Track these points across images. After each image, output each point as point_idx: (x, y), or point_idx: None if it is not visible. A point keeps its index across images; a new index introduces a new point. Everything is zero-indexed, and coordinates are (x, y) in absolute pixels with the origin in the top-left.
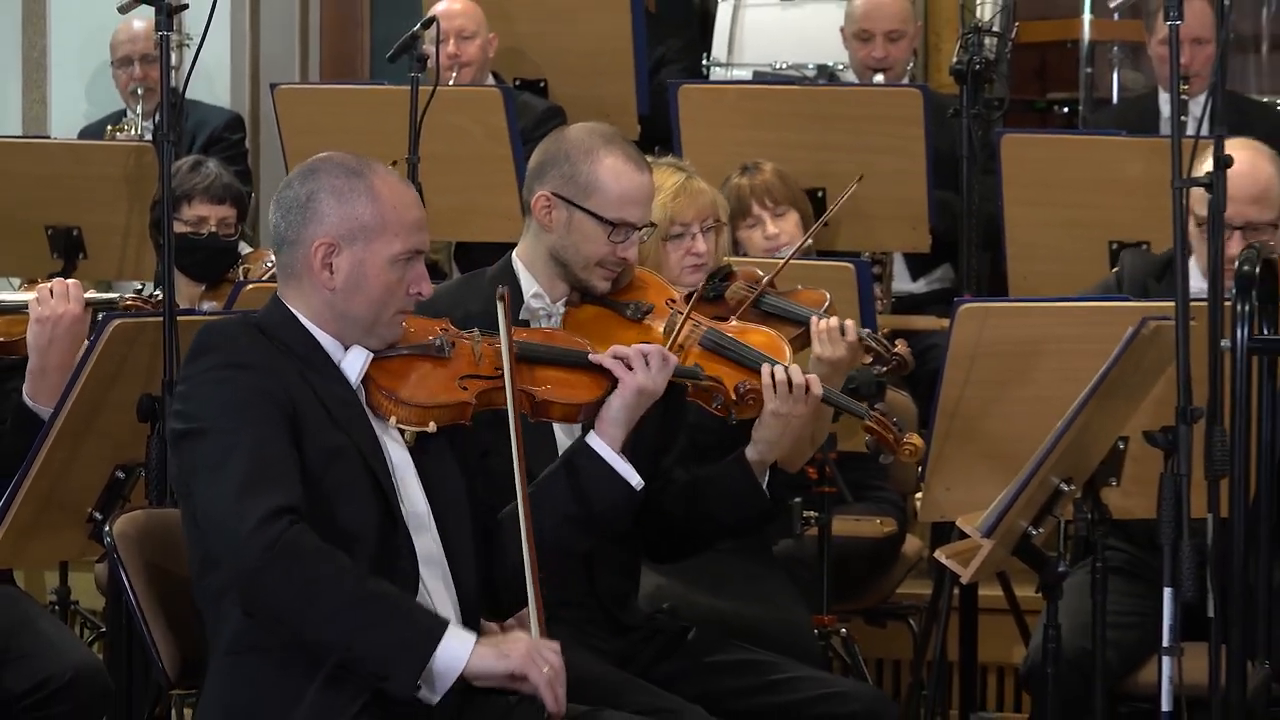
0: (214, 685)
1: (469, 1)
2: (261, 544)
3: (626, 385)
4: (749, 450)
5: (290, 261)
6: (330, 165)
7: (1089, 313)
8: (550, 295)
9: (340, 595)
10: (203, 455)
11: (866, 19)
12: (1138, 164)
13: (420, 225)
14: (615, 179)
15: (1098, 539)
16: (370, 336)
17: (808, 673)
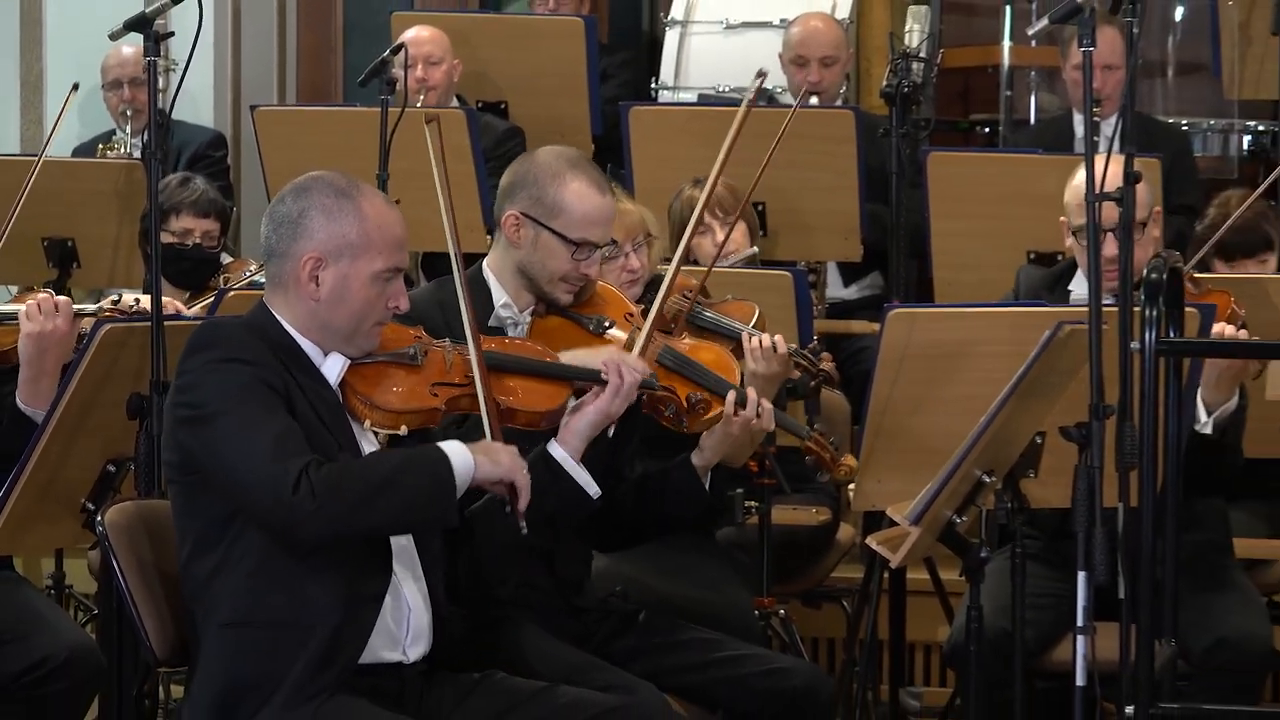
0: (209, 656)
1: (435, 30)
2: (306, 496)
3: (600, 407)
4: (695, 456)
5: (279, 272)
6: (321, 184)
7: (1009, 318)
8: (517, 305)
9: (376, 493)
10: (223, 434)
11: (803, 46)
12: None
13: (402, 245)
14: (579, 201)
15: (1017, 527)
16: (349, 345)
17: (749, 650)
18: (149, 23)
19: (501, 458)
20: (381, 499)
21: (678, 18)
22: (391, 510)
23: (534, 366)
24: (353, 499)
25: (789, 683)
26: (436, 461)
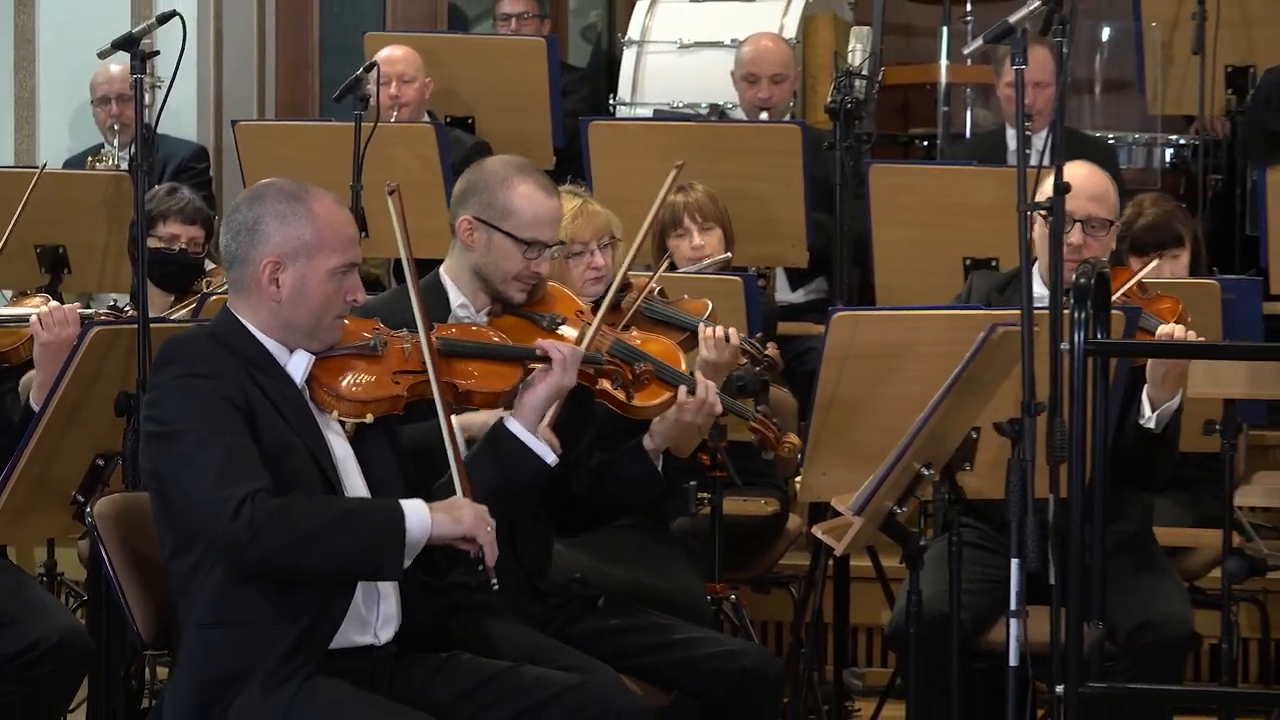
0: (188, 655)
1: (409, 50)
2: (244, 526)
3: (550, 382)
4: (646, 440)
5: (241, 278)
6: (273, 191)
7: (946, 320)
8: (474, 306)
9: (316, 536)
10: (178, 454)
11: (753, 64)
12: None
13: (353, 241)
14: (528, 204)
15: (954, 516)
16: (313, 340)
17: (702, 633)
18: (135, 42)
19: (464, 515)
20: (320, 544)
21: (634, 38)
22: (329, 557)
23: (487, 350)
24: (290, 538)
25: (739, 664)
26: (391, 515)
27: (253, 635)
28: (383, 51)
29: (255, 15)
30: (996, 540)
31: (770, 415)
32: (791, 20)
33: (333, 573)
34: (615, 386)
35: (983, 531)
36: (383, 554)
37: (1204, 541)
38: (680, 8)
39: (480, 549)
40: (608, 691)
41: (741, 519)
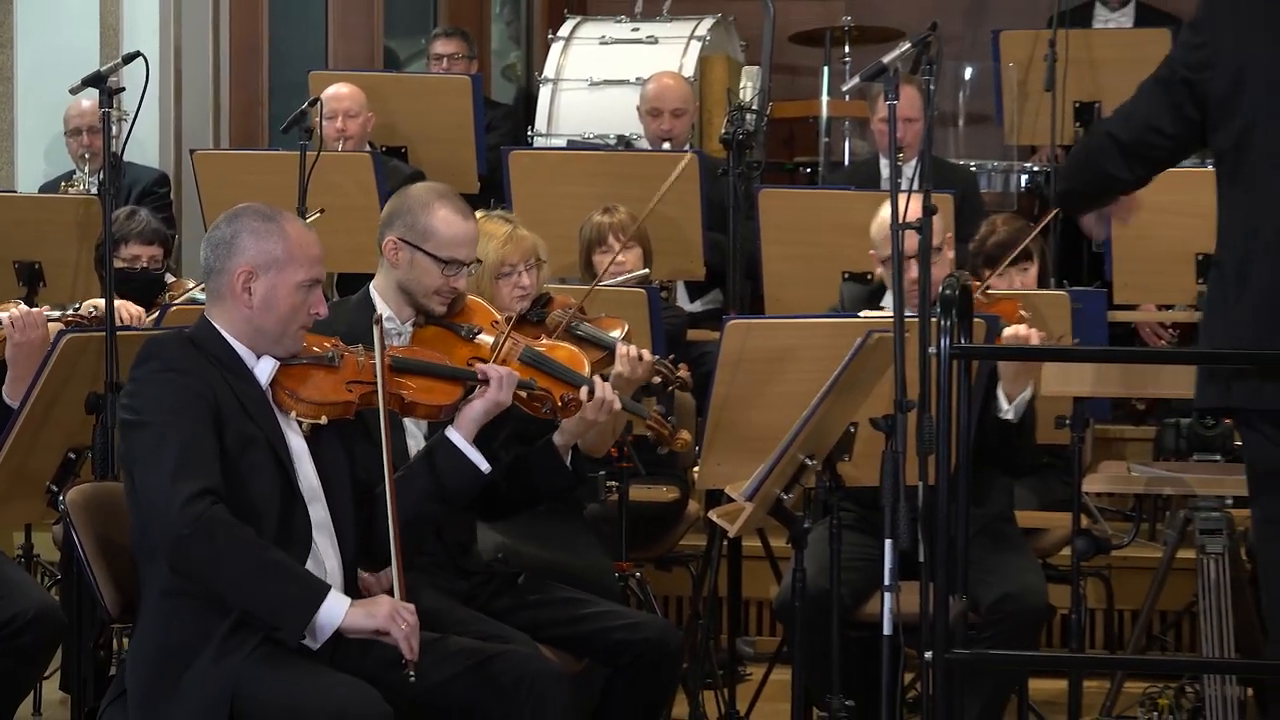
0: (147, 623)
1: (354, 87)
2: (188, 519)
3: (488, 398)
4: (556, 437)
5: (217, 286)
6: (250, 211)
7: (827, 327)
8: (399, 317)
9: (246, 564)
10: (143, 444)
11: (656, 99)
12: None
13: (319, 260)
14: (446, 227)
15: (834, 502)
16: (278, 346)
17: (610, 607)
18: (104, 79)
19: (379, 611)
20: (242, 574)
21: (550, 76)
22: (242, 590)
23: (433, 369)
24: (222, 554)
25: (644, 634)
26: (313, 591)
27: (208, 605)
28: (330, 89)
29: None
30: (872, 523)
31: (665, 415)
32: (690, 60)
33: (236, 603)
34: (544, 410)
35: (860, 515)
36: (287, 617)
37: (1056, 523)
38: (591, 49)
39: (403, 645)
40: (526, 659)
41: (646, 505)
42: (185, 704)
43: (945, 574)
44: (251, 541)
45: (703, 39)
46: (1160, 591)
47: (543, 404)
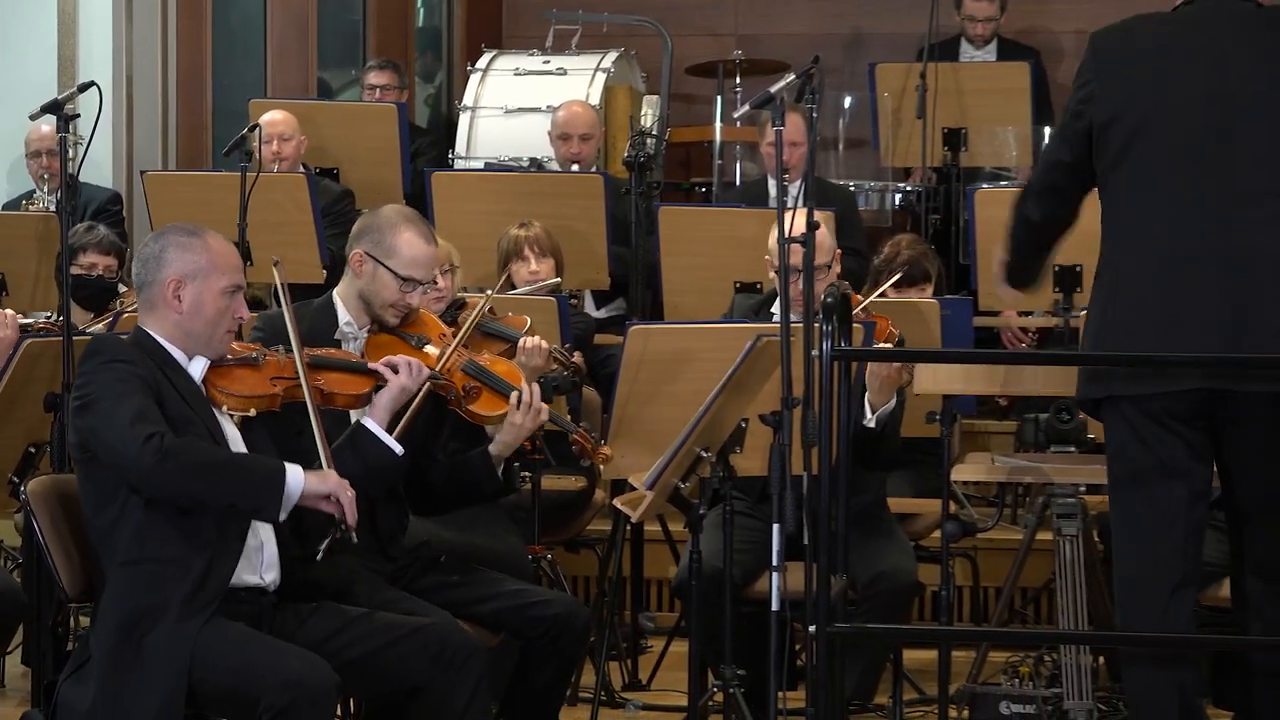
0: (109, 594)
1: (288, 114)
2: (151, 452)
3: (393, 384)
4: (491, 447)
5: (150, 297)
6: (174, 229)
7: (720, 332)
8: (357, 323)
9: (212, 471)
10: (99, 412)
11: (566, 125)
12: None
13: (238, 268)
14: (409, 248)
15: (726, 490)
16: (208, 348)
17: (524, 586)
18: (61, 106)
19: (329, 478)
20: (213, 477)
21: (469, 104)
22: (219, 490)
23: (344, 364)
24: (190, 467)
25: (554, 610)
26: (274, 468)
27: (166, 570)
28: (267, 115)
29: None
30: (761, 509)
31: (590, 430)
32: (596, 90)
33: (221, 503)
34: (451, 398)
35: (750, 502)
36: (263, 497)
37: (927, 509)
38: (506, 80)
39: (341, 508)
40: (447, 633)
41: (556, 493)
42: (146, 669)
43: (827, 555)
44: (208, 450)
45: (608, 71)
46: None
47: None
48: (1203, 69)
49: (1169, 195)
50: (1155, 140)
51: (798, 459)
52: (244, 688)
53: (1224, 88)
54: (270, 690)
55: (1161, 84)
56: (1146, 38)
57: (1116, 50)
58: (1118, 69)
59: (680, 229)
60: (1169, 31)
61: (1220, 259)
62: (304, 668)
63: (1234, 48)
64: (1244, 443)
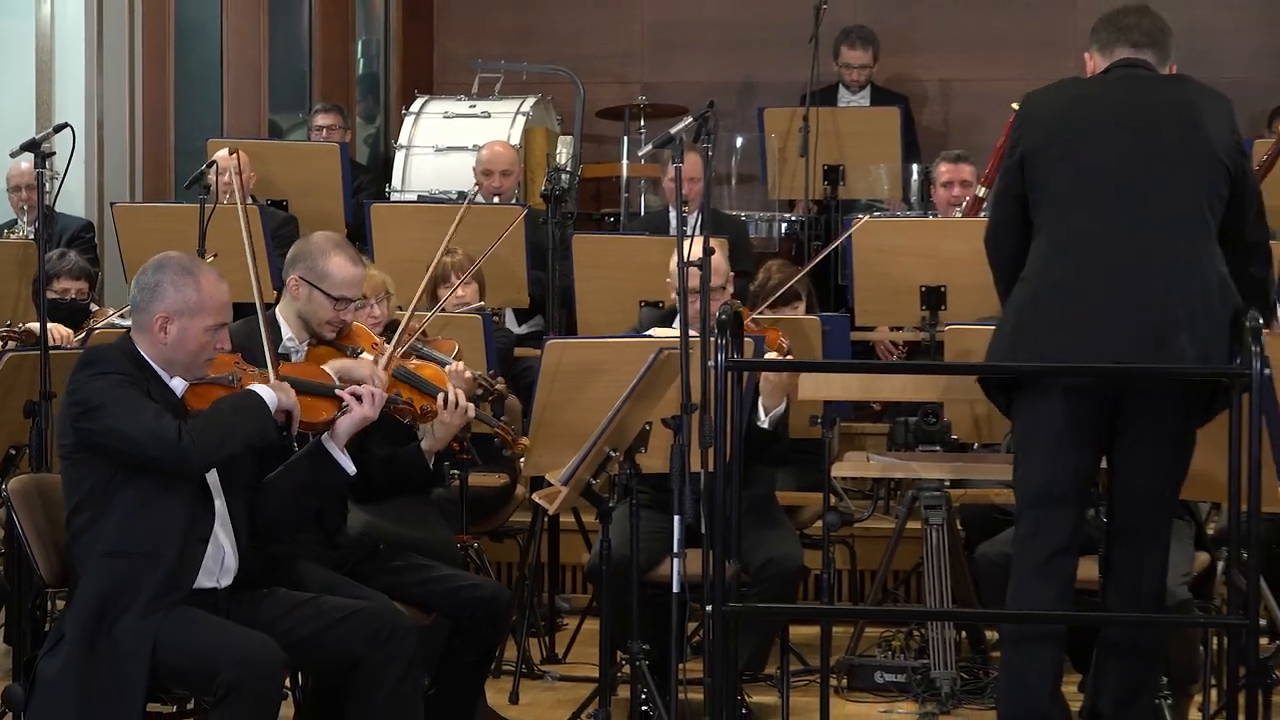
0: (89, 577)
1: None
2: (188, 443)
3: (356, 413)
4: (423, 443)
5: (140, 320)
6: (173, 263)
7: (627, 346)
8: (298, 339)
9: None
10: (110, 415)
11: (490, 162)
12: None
13: (226, 307)
14: (339, 271)
15: (633, 485)
16: (187, 373)
17: (453, 571)
18: (38, 145)
19: (285, 392)
20: (231, 431)
21: (404, 144)
22: (239, 436)
23: (316, 388)
24: (216, 437)
25: (481, 593)
26: (254, 401)
27: (140, 562)
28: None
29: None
30: (663, 502)
31: (510, 424)
32: (516, 131)
33: (247, 445)
34: (407, 420)
35: (654, 496)
36: (260, 431)
37: (811, 501)
38: (436, 122)
39: (289, 418)
40: (385, 612)
41: (482, 489)
42: (115, 647)
43: (721, 543)
44: (208, 422)
45: (526, 114)
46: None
47: (405, 415)
48: (1117, 122)
49: (1090, 227)
50: (1077, 181)
51: (696, 457)
52: (202, 666)
53: (1135, 138)
54: (225, 667)
55: (1083, 134)
56: (1074, 94)
57: (1045, 106)
58: (1045, 121)
59: (591, 254)
60: (1088, 93)
61: (1133, 284)
62: (255, 647)
63: (1143, 105)
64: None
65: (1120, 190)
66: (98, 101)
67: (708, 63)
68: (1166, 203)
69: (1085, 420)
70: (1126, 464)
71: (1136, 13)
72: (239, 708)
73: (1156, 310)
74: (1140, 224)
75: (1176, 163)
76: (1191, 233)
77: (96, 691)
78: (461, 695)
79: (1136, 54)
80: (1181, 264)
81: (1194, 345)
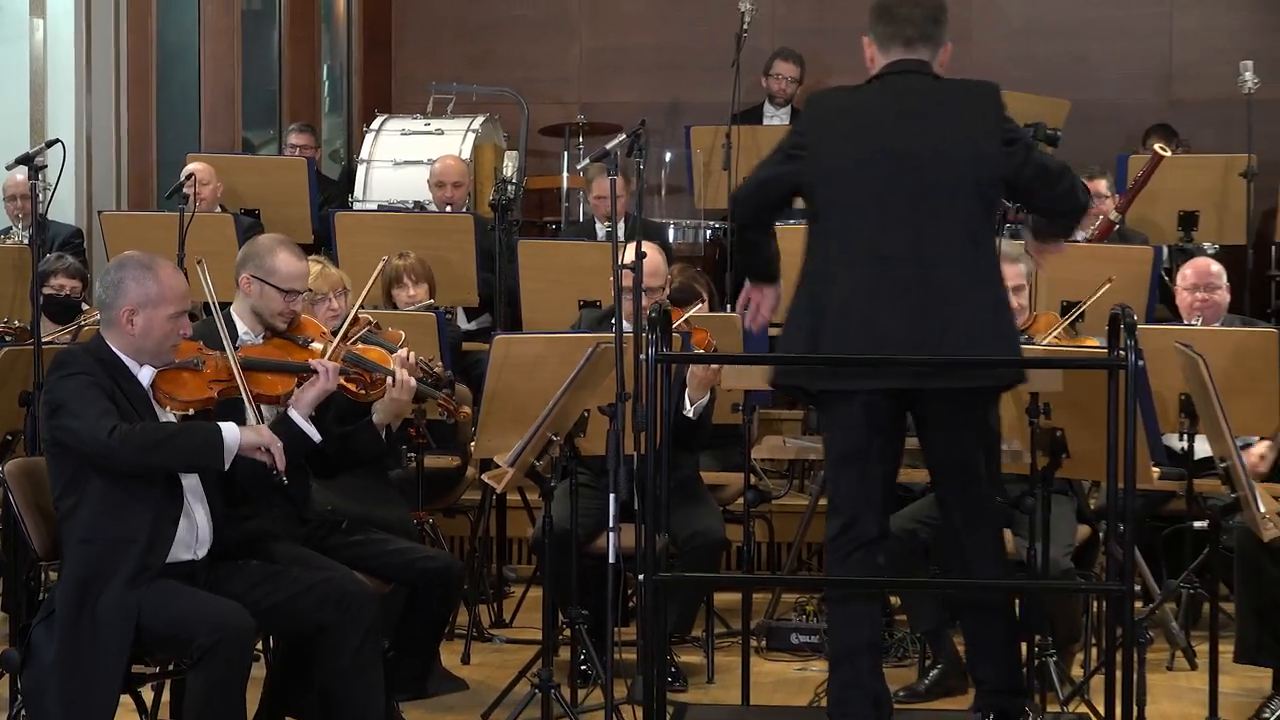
0: (70, 561)
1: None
2: (116, 440)
3: (318, 386)
4: (374, 417)
5: (108, 317)
6: (132, 261)
7: (567, 341)
8: (254, 332)
9: (163, 446)
10: (68, 414)
11: (442, 174)
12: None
13: (186, 295)
14: (286, 266)
15: (573, 467)
16: (156, 359)
17: (410, 545)
18: (32, 159)
19: (263, 433)
20: (165, 446)
21: (365, 158)
22: (173, 454)
23: (274, 365)
24: (147, 444)
25: (435, 564)
26: (210, 431)
27: (112, 548)
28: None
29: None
30: (600, 482)
31: (451, 396)
32: (466, 147)
33: (177, 466)
34: (355, 383)
35: (591, 476)
36: (207, 455)
37: (732, 481)
38: (394, 138)
39: (273, 456)
40: (347, 582)
41: (436, 469)
42: (100, 620)
43: (652, 518)
44: (157, 429)
45: (476, 131)
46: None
47: (357, 389)
48: (893, 128)
49: (866, 235)
50: (854, 188)
51: (629, 441)
52: (180, 632)
53: (909, 143)
54: (201, 633)
55: (861, 140)
56: (851, 102)
57: (826, 109)
58: (828, 126)
59: (535, 258)
60: (866, 100)
61: (911, 283)
62: (228, 614)
63: (917, 111)
64: (934, 424)
65: (893, 206)
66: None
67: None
68: (937, 218)
69: (884, 428)
70: (937, 451)
71: (909, 2)
72: (214, 669)
73: (938, 316)
74: (914, 239)
75: (942, 182)
76: (960, 245)
77: (83, 659)
78: (417, 657)
79: (909, 53)
80: (956, 278)
81: (974, 342)
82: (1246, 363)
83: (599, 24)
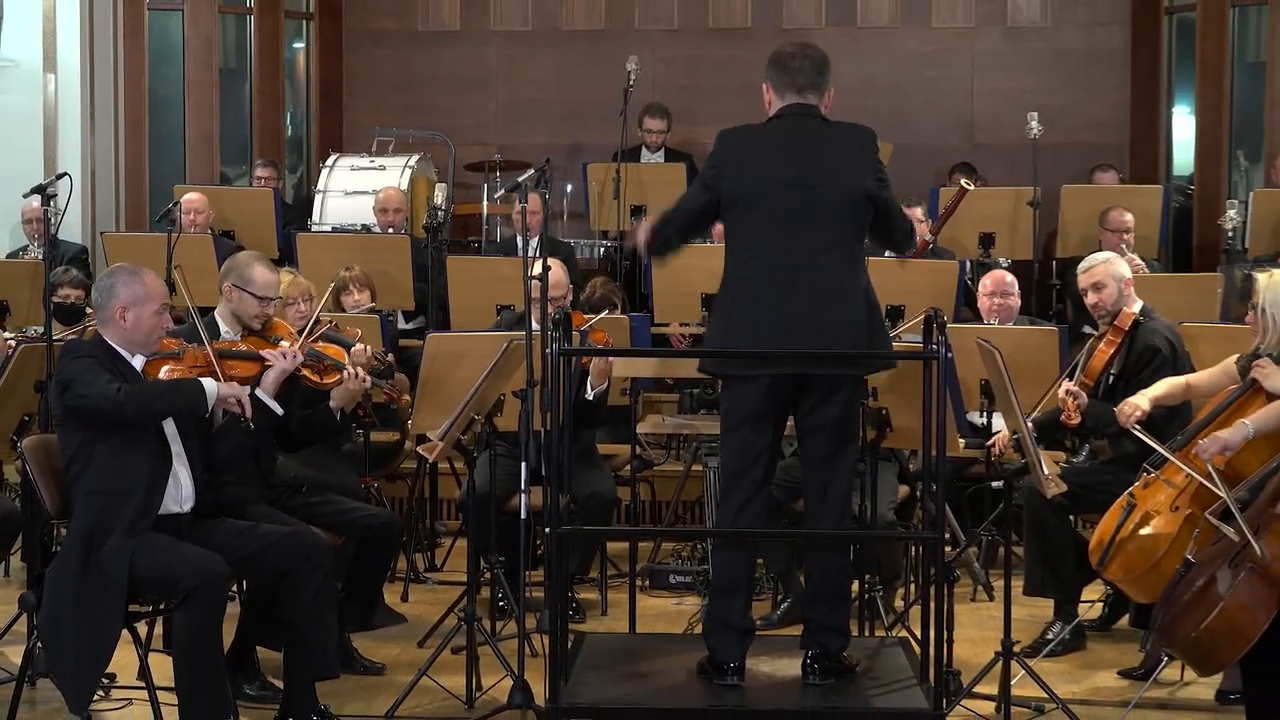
0: (79, 511)
1: (200, 195)
2: (121, 398)
3: (278, 367)
4: (331, 402)
5: (105, 315)
6: (121, 270)
7: (487, 338)
8: (234, 331)
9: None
10: (79, 387)
11: (385, 203)
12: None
13: (166, 295)
14: (261, 277)
15: (492, 440)
16: (145, 348)
17: (359, 505)
18: (44, 189)
19: (234, 387)
20: (165, 397)
21: (321, 188)
22: (170, 403)
23: (242, 354)
24: (148, 397)
25: (379, 520)
26: (195, 384)
27: (113, 499)
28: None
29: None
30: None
31: (395, 386)
32: (405, 179)
33: (175, 412)
34: (314, 373)
35: (507, 448)
36: (198, 400)
37: (622, 451)
38: (346, 173)
39: (242, 406)
40: (307, 537)
41: (380, 443)
42: (100, 566)
43: (556, 481)
44: (151, 386)
45: (412, 167)
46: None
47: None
48: (787, 161)
49: (770, 247)
50: (759, 209)
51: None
52: (167, 577)
53: (801, 173)
54: (185, 577)
55: (762, 169)
56: (756, 136)
57: (735, 144)
58: (735, 157)
59: (461, 271)
60: (768, 136)
61: (804, 290)
62: (208, 562)
63: (807, 147)
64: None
65: (789, 224)
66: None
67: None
68: (824, 234)
69: (776, 402)
70: (811, 421)
71: (800, 55)
72: (196, 607)
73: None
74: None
75: (828, 204)
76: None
77: (90, 598)
78: (365, 597)
79: (801, 98)
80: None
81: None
82: (1034, 355)
83: (514, 81)
